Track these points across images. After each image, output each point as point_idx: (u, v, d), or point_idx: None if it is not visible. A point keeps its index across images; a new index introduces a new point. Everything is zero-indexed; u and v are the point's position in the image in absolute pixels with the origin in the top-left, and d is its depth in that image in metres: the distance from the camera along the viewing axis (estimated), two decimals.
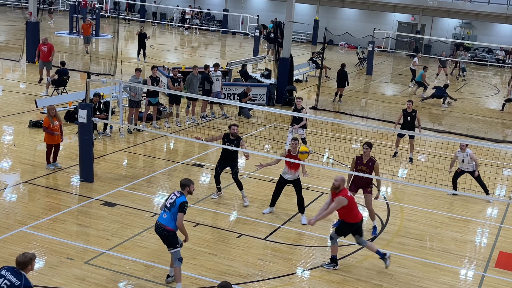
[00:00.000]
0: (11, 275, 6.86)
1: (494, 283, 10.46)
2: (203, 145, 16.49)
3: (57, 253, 10.13)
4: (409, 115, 16.69)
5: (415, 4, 43.33)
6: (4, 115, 18.28)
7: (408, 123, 16.65)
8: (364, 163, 11.97)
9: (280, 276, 10.04)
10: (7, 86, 22.30)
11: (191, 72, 19.13)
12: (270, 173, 15.00)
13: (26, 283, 6.86)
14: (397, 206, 13.64)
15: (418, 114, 16.82)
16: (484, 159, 16.54)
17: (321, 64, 26.47)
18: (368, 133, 18.46)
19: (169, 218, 8.99)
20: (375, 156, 12.38)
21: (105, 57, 29.18)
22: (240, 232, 11.51)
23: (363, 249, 11.23)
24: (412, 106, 16.73)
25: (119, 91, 14.22)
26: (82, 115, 13.15)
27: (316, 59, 31.00)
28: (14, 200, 12.36)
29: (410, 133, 16.14)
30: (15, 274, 6.88)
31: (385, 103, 25.75)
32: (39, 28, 27.09)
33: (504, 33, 43.61)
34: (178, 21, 48.74)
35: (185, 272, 9.81)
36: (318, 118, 18.63)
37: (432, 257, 11.16)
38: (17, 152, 15.10)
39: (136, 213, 11.97)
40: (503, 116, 24.98)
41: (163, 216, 9.09)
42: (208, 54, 35.92)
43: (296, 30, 42.87)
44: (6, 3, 50.21)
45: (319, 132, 18.24)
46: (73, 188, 13.13)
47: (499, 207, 14.24)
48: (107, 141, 16.76)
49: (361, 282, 10.07)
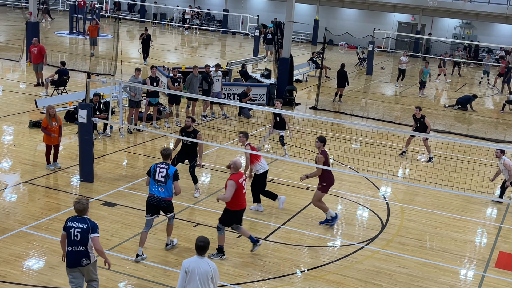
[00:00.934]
0: (78, 223, 8.03)
1: (494, 283, 10.46)
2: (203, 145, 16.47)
3: (57, 253, 10.11)
4: (418, 121, 16.97)
5: (415, 4, 43.33)
6: (4, 115, 18.28)
7: (418, 128, 16.89)
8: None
9: (280, 276, 10.04)
10: (7, 86, 22.30)
11: (191, 72, 19.14)
12: (270, 173, 14.98)
13: (91, 224, 8.07)
14: (397, 206, 13.64)
15: (426, 120, 16.95)
16: (484, 159, 16.55)
17: (321, 64, 26.47)
18: (368, 133, 18.47)
19: (166, 190, 9.98)
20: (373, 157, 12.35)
21: (105, 57, 29.18)
22: (240, 232, 11.49)
23: (363, 250, 11.25)
24: (420, 113, 16.92)
25: (119, 91, 14.22)
26: (82, 115, 13.15)
27: (316, 59, 31.00)
28: (14, 200, 12.36)
29: (412, 133, 16.16)
30: (80, 221, 8.05)
31: (385, 103, 25.75)
32: (39, 28, 27.08)
33: (504, 33, 43.62)
34: (178, 21, 48.74)
35: None
36: (318, 118, 18.63)
37: (432, 257, 11.16)
38: (17, 152, 15.10)
39: (136, 213, 11.97)
40: (503, 116, 24.97)
41: (159, 190, 9.98)
42: (208, 54, 35.92)
43: (296, 30, 42.87)
44: (6, 3, 50.20)
45: (319, 132, 18.23)
46: (73, 188, 13.13)
47: (499, 207, 14.24)
48: (107, 141, 16.76)
49: (361, 282, 10.07)
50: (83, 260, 8.06)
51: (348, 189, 14.47)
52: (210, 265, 7.40)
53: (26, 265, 9.72)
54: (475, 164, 16.23)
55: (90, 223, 8.05)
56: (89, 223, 8.05)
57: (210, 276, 7.34)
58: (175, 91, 17.01)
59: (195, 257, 7.45)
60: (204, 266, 7.35)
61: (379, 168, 15.03)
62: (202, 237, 7.53)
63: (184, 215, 12.14)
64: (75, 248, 8.02)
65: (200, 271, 7.31)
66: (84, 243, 8.00)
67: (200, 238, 7.51)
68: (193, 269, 7.33)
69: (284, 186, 14.15)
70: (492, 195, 14.44)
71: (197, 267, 7.33)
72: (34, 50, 22.38)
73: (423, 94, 27.88)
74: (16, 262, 9.74)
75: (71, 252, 8.06)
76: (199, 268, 7.33)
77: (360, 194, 14.22)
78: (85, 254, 8.05)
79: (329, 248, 11.31)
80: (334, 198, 13.77)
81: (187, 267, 7.36)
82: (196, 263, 7.37)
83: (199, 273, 7.30)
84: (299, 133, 18.94)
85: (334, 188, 14.35)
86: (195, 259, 7.43)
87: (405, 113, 23.07)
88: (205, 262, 7.40)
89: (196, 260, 7.41)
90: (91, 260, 8.11)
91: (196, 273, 7.30)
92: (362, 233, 12.01)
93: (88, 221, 8.06)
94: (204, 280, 7.30)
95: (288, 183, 14.45)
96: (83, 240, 7.98)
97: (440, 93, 30.33)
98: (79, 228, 7.99)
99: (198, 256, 7.44)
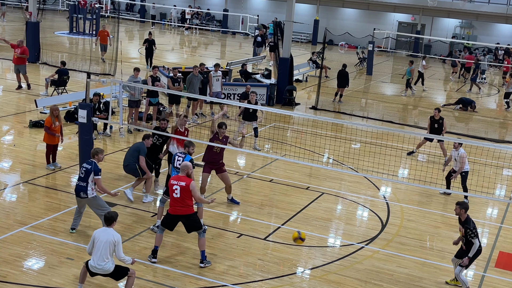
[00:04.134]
0: (86, 164, 10.40)
1: (494, 283, 10.46)
2: (203, 145, 16.46)
3: (57, 253, 10.13)
4: (436, 122, 16.92)
5: (415, 4, 43.33)
6: (4, 115, 18.27)
7: (436, 130, 16.85)
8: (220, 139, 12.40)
9: (280, 276, 10.04)
10: (7, 86, 22.30)
11: (191, 72, 19.13)
12: (270, 173, 15.02)
13: (95, 167, 10.28)
14: (397, 206, 13.64)
15: (445, 122, 16.99)
16: (484, 159, 16.55)
17: (321, 64, 26.46)
18: (368, 133, 18.47)
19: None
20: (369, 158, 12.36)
21: (105, 57, 29.17)
22: (240, 232, 11.51)
23: (363, 250, 11.25)
24: (439, 114, 16.91)
25: (119, 91, 14.22)
26: (82, 115, 13.13)
27: (316, 59, 30.99)
28: (14, 200, 12.36)
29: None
30: (88, 162, 10.40)
31: (385, 103, 25.74)
32: (39, 28, 27.07)
33: (504, 33, 43.61)
34: (176, 21, 48.71)
35: (185, 272, 9.83)
36: (318, 118, 18.63)
37: (432, 257, 11.16)
38: (17, 152, 15.10)
39: (136, 213, 11.98)
40: (503, 116, 24.98)
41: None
42: (208, 54, 35.92)
43: (296, 30, 42.86)
44: (6, 3, 50.19)
45: (319, 132, 18.24)
46: (73, 188, 13.09)
47: (499, 207, 14.24)
48: (107, 141, 16.75)
49: (361, 282, 10.07)
50: (81, 193, 10.32)
51: (348, 189, 14.47)
52: (115, 235, 8.53)
53: (26, 265, 9.72)
54: (475, 164, 16.23)
55: (94, 167, 10.26)
56: (93, 166, 10.27)
57: (113, 246, 8.47)
58: (175, 91, 16.99)
59: (103, 228, 8.72)
60: (108, 236, 8.50)
61: (379, 168, 15.03)
62: (112, 212, 8.83)
63: None
64: (79, 183, 10.36)
65: (103, 240, 8.45)
66: (84, 180, 10.26)
67: (109, 211, 8.88)
68: (98, 237, 8.54)
69: (284, 186, 14.15)
70: (492, 195, 14.44)
71: (101, 236, 8.51)
72: (18, 51, 21.50)
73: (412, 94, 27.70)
74: (16, 262, 9.74)
75: (76, 185, 10.47)
76: (103, 237, 8.49)
77: (360, 194, 14.22)
78: (83, 189, 10.28)
79: (329, 248, 11.31)
80: (334, 198, 13.78)
81: (95, 235, 8.60)
82: (102, 233, 8.57)
83: (102, 241, 8.46)
84: (299, 133, 18.95)
85: (334, 188, 14.39)
86: (103, 229, 8.67)
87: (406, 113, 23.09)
88: (110, 233, 8.54)
89: (103, 230, 8.61)
90: (88, 195, 10.28)
91: (100, 241, 8.47)
92: (362, 233, 12.01)
93: (92, 164, 10.29)
94: (106, 248, 8.45)
95: (288, 183, 14.45)
96: (85, 178, 10.25)
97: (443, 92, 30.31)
98: (84, 168, 10.33)
99: (106, 227, 8.63)
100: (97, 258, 8.48)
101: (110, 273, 8.62)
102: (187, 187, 9.72)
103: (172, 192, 9.79)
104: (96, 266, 8.51)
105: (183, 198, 9.75)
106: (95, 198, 10.41)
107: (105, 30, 28.82)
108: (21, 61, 21.74)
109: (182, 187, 9.72)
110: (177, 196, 9.75)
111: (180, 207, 9.80)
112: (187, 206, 9.82)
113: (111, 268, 8.56)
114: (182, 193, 9.73)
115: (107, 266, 8.51)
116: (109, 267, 8.53)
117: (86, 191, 10.28)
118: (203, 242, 10.03)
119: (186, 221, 9.91)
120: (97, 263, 8.48)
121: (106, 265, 8.50)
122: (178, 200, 9.77)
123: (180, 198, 9.75)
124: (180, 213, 9.83)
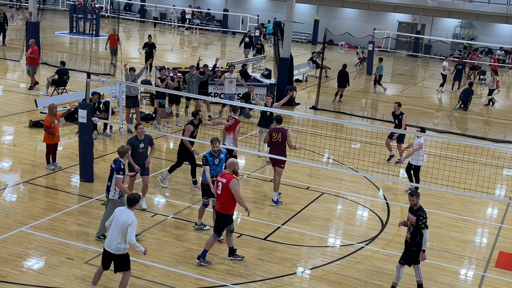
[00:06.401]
0: (112, 163, 10.30)
1: (494, 283, 10.46)
2: (203, 145, 16.47)
3: (57, 253, 10.13)
4: (396, 118, 16.38)
5: (415, 4, 43.34)
6: (4, 115, 18.28)
7: (396, 126, 16.37)
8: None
9: (280, 276, 10.04)
10: (7, 86, 22.30)
11: (190, 71, 19.10)
12: (270, 173, 15.00)
13: (118, 165, 10.12)
14: (397, 206, 13.64)
15: (404, 118, 16.22)
16: (484, 159, 16.55)
17: (321, 64, 26.46)
18: (368, 133, 18.47)
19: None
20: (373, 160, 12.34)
21: (105, 57, 29.17)
22: (240, 232, 11.50)
23: (363, 250, 11.25)
24: (399, 109, 16.25)
25: (119, 91, 14.22)
26: (82, 115, 13.14)
27: (316, 59, 30.99)
28: (14, 200, 12.36)
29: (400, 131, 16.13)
30: (115, 161, 10.25)
31: (385, 103, 25.73)
32: (39, 28, 27.06)
33: (504, 33, 43.61)
34: (175, 21, 48.69)
35: (185, 272, 9.83)
36: (318, 118, 18.62)
37: (432, 257, 11.15)
38: (17, 152, 15.10)
39: (136, 213, 11.89)
40: (504, 116, 24.99)
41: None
42: (208, 54, 35.89)
43: (296, 30, 42.87)
44: (6, 3, 50.18)
45: (319, 132, 18.24)
46: (73, 188, 13.13)
47: (499, 207, 14.24)
48: (107, 141, 16.76)
49: (361, 282, 10.07)
50: (108, 193, 10.20)
51: (348, 189, 14.47)
52: (131, 218, 8.48)
53: (26, 265, 9.72)
54: (475, 164, 16.22)
55: (116, 165, 10.09)
56: (116, 165, 10.10)
57: (126, 227, 8.42)
58: (175, 91, 16.97)
59: (124, 207, 8.72)
60: (126, 217, 8.49)
61: (379, 168, 15.02)
62: (136, 194, 8.75)
63: (183, 215, 12.14)
64: (108, 182, 10.28)
65: (121, 220, 8.47)
66: (110, 179, 10.20)
67: (133, 193, 8.78)
68: (118, 215, 8.59)
69: (284, 186, 14.14)
70: (492, 195, 14.44)
71: (121, 216, 8.54)
72: (28, 51, 22.03)
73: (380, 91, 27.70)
74: (16, 262, 9.74)
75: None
76: (122, 218, 8.51)
77: (360, 194, 14.22)
78: (108, 189, 10.20)
79: (329, 248, 11.31)
80: (334, 198, 13.78)
81: (115, 212, 8.68)
82: (122, 212, 8.62)
83: (120, 222, 8.48)
84: (299, 133, 18.94)
85: (334, 188, 14.39)
86: (123, 208, 8.70)
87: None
88: (128, 214, 8.53)
89: (123, 210, 8.65)
90: (109, 196, 10.15)
91: (118, 220, 8.51)
92: (362, 233, 12.01)
93: (117, 163, 10.11)
94: (120, 227, 8.46)
95: (288, 183, 14.45)
96: (110, 177, 10.19)
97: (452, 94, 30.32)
98: (111, 167, 10.22)
99: (127, 207, 8.62)
100: (111, 236, 8.52)
101: (117, 257, 8.60)
102: (226, 185, 9.84)
103: (217, 188, 10.00)
104: (110, 245, 8.55)
105: (224, 195, 9.92)
106: (113, 202, 10.17)
107: (115, 34, 28.45)
108: (31, 61, 22.10)
109: (223, 184, 9.87)
110: (219, 193, 9.97)
111: (219, 204, 10.01)
112: (225, 206, 9.94)
113: (121, 251, 8.55)
114: (223, 190, 9.89)
115: (120, 246, 8.51)
116: (120, 247, 8.52)
117: (109, 191, 10.21)
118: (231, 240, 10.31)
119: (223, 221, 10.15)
120: (110, 241, 8.54)
121: (119, 245, 8.51)
122: (220, 197, 9.98)
123: (221, 195, 9.95)
124: (219, 210, 10.00)
